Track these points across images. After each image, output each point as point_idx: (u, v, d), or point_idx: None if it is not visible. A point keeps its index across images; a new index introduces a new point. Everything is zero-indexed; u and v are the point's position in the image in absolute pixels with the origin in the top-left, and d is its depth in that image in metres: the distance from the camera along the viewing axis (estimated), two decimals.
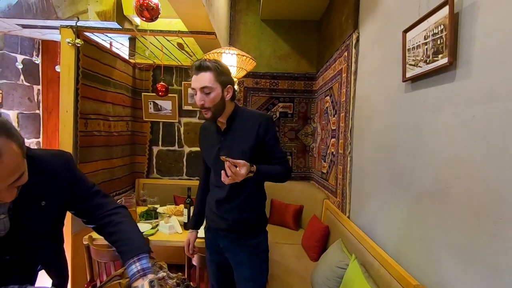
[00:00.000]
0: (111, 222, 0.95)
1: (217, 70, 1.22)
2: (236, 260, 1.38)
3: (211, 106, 1.22)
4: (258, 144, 1.29)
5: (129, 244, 0.90)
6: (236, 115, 1.33)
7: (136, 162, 3.25)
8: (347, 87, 2.08)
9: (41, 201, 0.84)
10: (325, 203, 2.50)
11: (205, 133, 1.45)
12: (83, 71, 2.21)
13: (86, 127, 2.29)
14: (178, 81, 3.25)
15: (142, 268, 0.85)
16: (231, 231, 1.35)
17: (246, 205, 1.34)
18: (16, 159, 0.66)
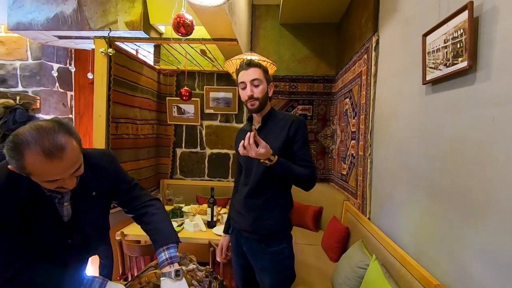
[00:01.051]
0: (147, 213, 1.09)
1: (264, 68, 1.37)
2: (257, 265, 1.40)
3: (259, 97, 1.33)
4: (286, 143, 1.32)
5: (160, 234, 1.03)
6: (271, 115, 1.41)
7: (160, 164, 3.40)
8: (367, 89, 2.09)
9: (93, 191, 0.97)
10: (345, 205, 2.51)
11: (240, 134, 1.54)
12: (114, 78, 2.37)
13: (117, 130, 2.45)
14: (200, 85, 3.38)
15: (170, 256, 0.98)
16: (252, 232, 1.36)
17: (270, 205, 1.35)
18: (76, 153, 0.80)
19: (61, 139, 0.75)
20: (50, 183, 0.79)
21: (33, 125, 0.75)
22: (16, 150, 0.73)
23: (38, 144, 0.72)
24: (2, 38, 3.54)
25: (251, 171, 1.40)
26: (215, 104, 3.38)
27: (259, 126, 1.42)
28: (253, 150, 1.15)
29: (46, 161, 0.74)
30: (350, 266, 1.67)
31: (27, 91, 3.52)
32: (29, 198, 0.84)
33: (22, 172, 0.77)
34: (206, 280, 1.03)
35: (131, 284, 1.04)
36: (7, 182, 0.81)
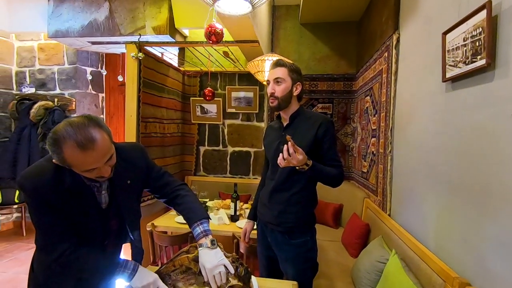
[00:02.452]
0: (178, 196, 1.21)
1: (290, 68, 1.42)
2: (282, 256, 1.46)
3: (279, 96, 1.39)
4: (315, 142, 1.37)
5: (193, 212, 1.15)
6: (299, 114, 1.45)
7: (185, 161, 3.57)
8: (388, 87, 2.11)
9: (127, 180, 1.08)
10: (366, 202, 2.53)
11: (269, 130, 1.61)
12: (143, 81, 2.53)
13: (146, 129, 2.62)
14: (223, 86, 3.50)
15: (204, 230, 1.10)
16: (277, 224, 1.42)
17: (294, 200, 1.40)
18: (107, 143, 0.90)
19: (92, 132, 0.85)
20: (88, 172, 0.89)
21: (67, 122, 0.86)
22: (56, 145, 0.83)
23: (73, 138, 0.82)
24: (42, 45, 3.85)
25: (277, 166, 1.39)
26: (236, 104, 3.49)
27: (286, 124, 1.46)
28: (295, 159, 1.19)
29: (81, 153, 0.83)
30: (370, 261, 1.71)
31: (63, 93, 3.80)
32: (72, 188, 0.95)
33: (64, 165, 0.87)
34: (233, 265, 1.12)
35: (166, 267, 1.15)
36: (54, 174, 0.93)
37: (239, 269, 1.11)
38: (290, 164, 1.20)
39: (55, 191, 0.92)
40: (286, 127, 1.46)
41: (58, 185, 0.93)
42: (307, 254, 1.43)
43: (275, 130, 1.53)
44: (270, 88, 1.41)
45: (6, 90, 3.81)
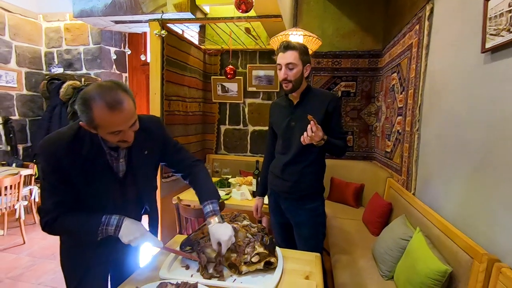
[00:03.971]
0: (192, 172, 1.26)
1: (301, 50, 1.46)
2: (296, 220, 1.60)
3: (293, 79, 1.45)
4: (325, 118, 1.48)
5: (205, 191, 1.21)
6: (308, 92, 1.55)
7: (206, 140, 3.63)
8: (417, 62, 2.01)
9: (144, 150, 1.11)
10: (389, 182, 2.49)
11: (276, 107, 1.69)
12: (166, 59, 2.56)
13: (169, 107, 2.67)
14: (243, 64, 3.47)
15: (213, 209, 1.15)
16: (291, 193, 1.57)
17: (307, 171, 1.54)
18: (132, 107, 0.93)
19: (120, 95, 0.88)
20: (113, 135, 0.92)
21: (96, 84, 0.89)
22: (86, 105, 0.86)
23: (103, 99, 0.86)
24: (68, 26, 3.94)
25: (290, 142, 1.56)
26: (257, 82, 3.46)
27: (297, 101, 1.55)
28: (317, 136, 1.31)
29: (109, 113, 0.86)
30: (393, 238, 1.71)
31: (89, 73, 3.92)
32: (90, 155, 0.98)
33: (91, 125, 0.89)
34: (259, 234, 1.16)
35: (195, 234, 1.21)
36: (73, 140, 0.97)
37: (264, 238, 1.15)
38: (313, 140, 1.32)
39: (71, 156, 0.95)
40: (297, 105, 1.54)
41: (75, 151, 0.96)
42: (318, 218, 1.59)
43: (284, 108, 1.61)
44: (283, 73, 1.45)
45: (37, 70, 3.98)
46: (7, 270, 2.39)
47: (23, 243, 2.84)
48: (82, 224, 1.00)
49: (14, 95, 3.71)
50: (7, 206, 2.67)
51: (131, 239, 0.99)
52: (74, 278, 1.11)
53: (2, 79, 3.56)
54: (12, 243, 2.85)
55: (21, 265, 2.47)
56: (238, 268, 1.08)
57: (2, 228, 2.98)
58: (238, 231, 1.15)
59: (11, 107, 3.69)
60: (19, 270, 2.39)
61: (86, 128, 0.93)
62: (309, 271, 1.15)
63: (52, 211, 0.97)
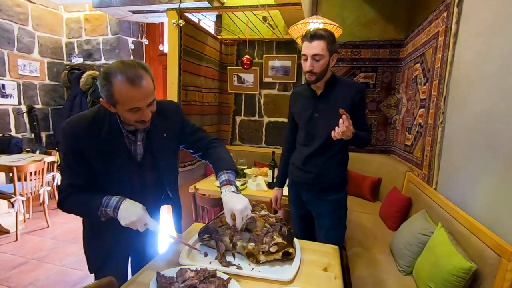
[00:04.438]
0: (211, 147, 1.25)
1: (329, 39, 1.36)
2: (317, 211, 1.58)
3: (318, 71, 1.37)
4: (351, 109, 1.38)
5: (222, 161, 1.17)
6: (333, 82, 1.47)
7: (222, 130, 3.64)
8: (444, 51, 1.92)
9: (163, 133, 1.12)
10: (408, 176, 2.43)
11: (298, 97, 1.61)
12: (184, 48, 2.55)
13: (186, 97, 2.68)
14: (260, 54, 3.43)
15: (228, 178, 1.10)
16: (314, 185, 1.53)
17: (330, 163, 1.50)
18: (151, 85, 0.94)
19: (140, 71, 0.90)
20: (131, 113, 0.93)
21: (118, 61, 0.92)
22: (106, 79, 0.88)
23: (124, 73, 0.87)
24: (88, 16, 4.00)
25: (314, 134, 1.51)
26: (273, 73, 3.42)
27: (321, 92, 1.48)
28: (349, 131, 1.25)
29: (129, 87, 0.88)
30: (412, 233, 1.67)
31: (108, 63, 3.97)
32: (108, 136, 1.00)
33: (110, 101, 0.91)
34: (278, 224, 1.16)
35: (214, 222, 1.22)
36: (92, 121, 0.99)
37: (283, 228, 1.15)
38: (344, 136, 1.25)
39: (90, 137, 0.98)
40: (321, 96, 1.48)
41: (94, 132, 0.98)
42: (340, 211, 1.56)
43: (307, 98, 1.54)
44: (309, 65, 1.37)
45: (58, 60, 4.08)
46: (33, 251, 2.51)
47: (47, 226, 2.97)
48: (85, 204, 1.00)
49: (37, 84, 3.84)
50: (32, 191, 2.79)
51: (127, 223, 0.95)
52: (96, 260, 1.14)
53: (26, 68, 3.67)
54: (36, 226, 2.99)
55: (46, 247, 2.59)
56: (256, 257, 1.08)
57: (28, 212, 3.13)
58: (256, 221, 1.15)
59: (35, 96, 3.81)
60: (43, 252, 2.51)
61: (106, 106, 0.95)
62: (328, 262, 1.14)
63: (64, 191, 1.01)
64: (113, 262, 1.14)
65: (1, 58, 3.40)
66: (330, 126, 1.28)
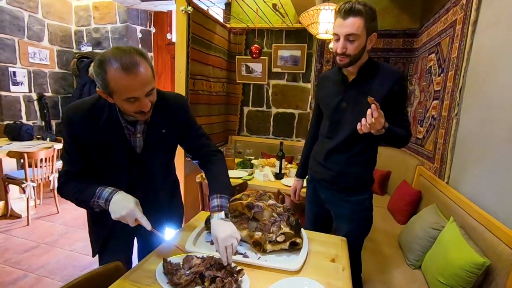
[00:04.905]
0: (210, 160, 1.18)
1: (368, 16, 1.12)
2: (336, 212, 1.40)
3: (352, 54, 1.15)
4: (387, 101, 1.17)
5: (218, 184, 1.10)
6: (369, 66, 1.23)
7: (229, 121, 3.62)
8: (461, 40, 1.84)
9: (162, 129, 1.06)
10: (418, 169, 2.37)
11: (326, 82, 1.40)
12: (192, 36, 2.52)
13: (194, 86, 2.66)
14: (269, 44, 3.36)
15: (220, 204, 1.03)
16: (334, 183, 1.34)
17: (354, 161, 1.29)
18: (149, 73, 0.89)
19: (136, 58, 0.85)
20: (128, 103, 0.88)
21: (114, 48, 0.87)
22: (101, 67, 0.83)
23: (118, 61, 0.82)
24: (96, 4, 3.98)
25: (339, 125, 1.30)
26: (282, 63, 3.36)
27: (352, 78, 1.26)
28: (379, 124, 1.05)
29: (124, 76, 0.83)
30: (422, 227, 1.64)
31: None
32: (107, 126, 0.96)
33: (106, 91, 0.87)
34: (285, 214, 1.14)
35: None
36: (91, 109, 0.95)
37: (290, 218, 1.13)
38: (373, 129, 1.06)
39: (88, 125, 0.95)
40: (352, 83, 1.26)
41: (92, 120, 0.95)
42: (363, 213, 1.37)
43: (335, 84, 1.33)
44: (341, 46, 1.14)
45: (67, 48, 4.09)
46: (44, 236, 2.56)
47: (57, 212, 3.02)
48: (80, 193, 0.97)
49: (47, 73, 3.86)
50: (42, 177, 2.84)
51: (117, 217, 0.90)
52: (97, 244, 1.12)
53: (36, 56, 3.69)
54: (47, 211, 3.05)
55: (56, 232, 2.64)
56: (262, 246, 1.07)
57: (39, 198, 3.19)
58: (264, 210, 1.14)
59: (45, 84, 3.84)
60: (54, 237, 2.56)
61: (103, 96, 0.91)
62: (335, 254, 1.12)
63: (62, 177, 0.99)
64: (116, 244, 1.12)
65: (12, 46, 3.42)
66: (358, 119, 1.08)
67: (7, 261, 2.16)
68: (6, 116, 3.42)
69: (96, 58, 0.86)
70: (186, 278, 0.86)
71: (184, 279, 0.86)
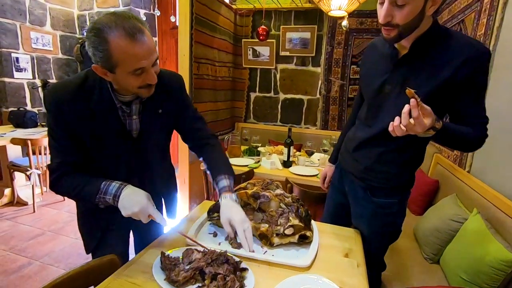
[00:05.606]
0: (207, 144, 1.09)
1: None
2: (356, 210, 1.20)
3: (401, 23, 0.85)
4: (449, 87, 0.88)
5: (224, 165, 1.05)
6: (431, 38, 0.90)
7: (235, 107, 3.51)
8: (490, 15, 1.67)
9: (158, 109, 0.97)
10: (436, 157, 2.24)
11: (371, 53, 1.11)
12: (196, 17, 2.39)
13: (198, 70, 2.54)
14: (277, 26, 3.20)
15: (230, 185, 0.98)
16: (359, 179, 1.13)
17: (389, 158, 1.04)
18: (152, 40, 0.80)
19: (138, 24, 0.76)
20: (135, 76, 0.79)
21: (108, 14, 0.75)
22: (100, 36, 0.72)
23: (120, 26, 0.72)
24: None
25: (378, 112, 1.03)
26: (291, 46, 3.20)
27: (403, 54, 0.95)
28: (420, 126, 0.76)
29: (131, 42, 0.73)
30: (441, 219, 1.53)
31: None
32: (99, 107, 0.85)
33: (108, 65, 0.76)
34: (294, 205, 1.05)
35: None
36: (79, 90, 0.84)
37: (300, 210, 1.03)
38: (411, 132, 0.78)
39: (77, 108, 0.84)
40: (404, 59, 0.96)
41: (81, 102, 0.84)
42: (389, 218, 1.11)
43: (382, 59, 1.03)
44: (384, 12, 0.85)
45: (70, 33, 3.99)
46: (49, 223, 2.55)
47: (63, 200, 3.01)
48: (81, 188, 0.88)
49: (51, 58, 3.79)
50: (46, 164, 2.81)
51: (129, 214, 0.83)
52: (94, 238, 1.04)
53: (39, 42, 3.61)
54: (53, 199, 3.04)
55: (61, 220, 2.63)
56: (269, 239, 0.98)
57: (45, 185, 3.18)
58: (270, 200, 1.04)
59: (49, 70, 3.78)
60: (59, 224, 2.54)
61: (99, 73, 0.80)
62: (348, 248, 1.03)
63: (56, 171, 0.88)
64: (112, 241, 1.05)
65: (14, 31, 3.34)
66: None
67: (12, 249, 2.15)
68: (11, 103, 3.38)
69: (89, 27, 0.74)
70: (184, 275, 0.78)
71: (183, 276, 0.78)
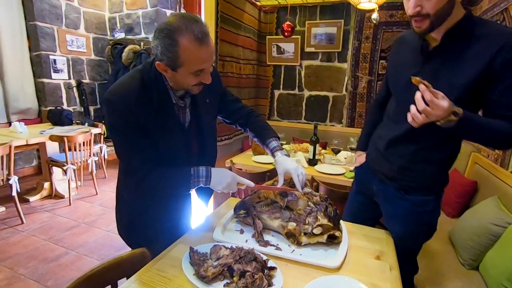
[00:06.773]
0: (252, 116, 1.22)
1: None
2: (388, 211, 1.15)
3: (432, 12, 0.81)
4: (484, 79, 0.83)
5: (269, 130, 1.20)
6: (462, 29, 0.86)
7: (259, 105, 3.50)
8: None
9: (206, 99, 1.03)
10: (473, 156, 2.10)
11: (401, 47, 1.07)
12: (221, 15, 2.40)
13: (223, 68, 2.56)
14: (302, 21, 3.15)
15: (278, 145, 1.14)
16: (392, 179, 1.07)
17: (425, 156, 0.99)
18: (213, 43, 0.84)
19: (204, 27, 0.79)
20: (194, 76, 0.83)
21: (177, 14, 0.80)
22: (170, 38, 0.77)
23: (190, 30, 0.76)
24: None
25: (407, 105, 0.88)
26: (316, 42, 3.14)
27: (435, 45, 0.91)
28: (439, 109, 0.75)
29: (198, 46, 0.78)
30: (480, 222, 1.43)
31: (148, 37, 3.99)
32: (159, 106, 0.90)
33: (173, 64, 0.80)
34: (323, 204, 1.02)
35: (251, 198, 1.12)
36: (142, 91, 0.87)
37: (328, 209, 1.00)
38: (432, 118, 0.78)
39: (144, 109, 0.87)
40: (434, 52, 0.91)
41: (146, 103, 0.88)
42: (424, 216, 1.06)
43: (412, 52, 0.98)
44: (413, 3, 0.82)
45: (102, 35, 4.19)
46: (83, 216, 2.70)
47: (95, 194, 3.17)
48: (173, 178, 0.95)
49: (84, 60, 3.99)
50: (81, 160, 2.97)
51: (224, 186, 0.96)
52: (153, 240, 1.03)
53: (74, 44, 3.82)
54: (87, 193, 3.21)
55: (95, 213, 2.77)
56: (297, 238, 0.96)
57: (80, 180, 3.36)
58: (299, 198, 1.02)
59: (82, 71, 3.99)
60: (93, 217, 2.68)
61: (161, 70, 0.84)
62: (380, 250, 0.99)
63: (140, 170, 0.91)
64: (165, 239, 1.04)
65: (51, 34, 3.56)
66: None
67: (51, 238, 2.30)
68: (49, 102, 3.61)
69: (159, 28, 0.79)
70: (213, 271, 0.78)
71: (211, 272, 0.78)
